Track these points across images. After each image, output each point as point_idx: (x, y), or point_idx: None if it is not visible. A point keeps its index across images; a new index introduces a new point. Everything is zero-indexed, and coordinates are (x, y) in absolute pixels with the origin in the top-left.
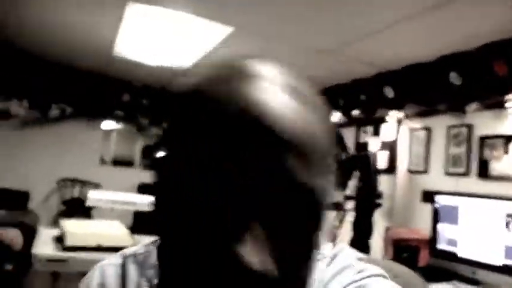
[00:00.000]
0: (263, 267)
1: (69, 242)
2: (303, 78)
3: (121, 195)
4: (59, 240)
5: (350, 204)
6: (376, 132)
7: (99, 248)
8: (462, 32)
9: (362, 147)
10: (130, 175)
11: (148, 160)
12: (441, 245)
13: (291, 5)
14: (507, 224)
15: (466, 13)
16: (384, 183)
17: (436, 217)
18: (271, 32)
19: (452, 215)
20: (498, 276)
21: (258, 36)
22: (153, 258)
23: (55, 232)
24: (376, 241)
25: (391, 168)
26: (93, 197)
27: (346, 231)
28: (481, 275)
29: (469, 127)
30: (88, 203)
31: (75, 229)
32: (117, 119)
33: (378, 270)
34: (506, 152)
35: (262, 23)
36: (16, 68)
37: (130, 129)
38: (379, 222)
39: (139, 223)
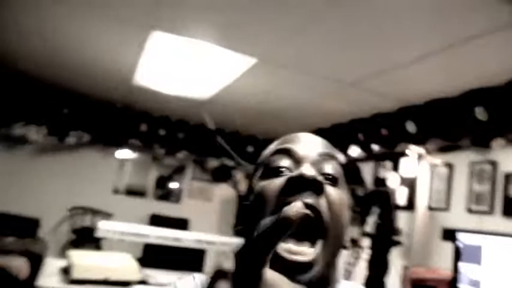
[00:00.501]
0: (314, 176)
1: (76, 274)
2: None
3: (131, 227)
4: (66, 272)
5: (366, 242)
6: (396, 168)
7: (106, 282)
8: (488, 67)
9: (380, 182)
10: (142, 205)
11: (162, 190)
12: (463, 286)
13: (316, 35)
14: None
15: (492, 48)
16: (402, 220)
17: (458, 256)
18: (294, 64)
19: (475, 255)
20: None
21: (281, 67)
22: None
23: (62, 263)
24: (394, 280)
25: (410, 205)
26: (103, 227)
27: (361, 269)
28: None
29: (494, 164)
30: (98, 234)
31: (82, 261)
32: (133, 148)
33: None
34: None
35: (285, 55)
36: (37, 95)
37: (145, 158)
38: (397, 260)
39: (149, 255)
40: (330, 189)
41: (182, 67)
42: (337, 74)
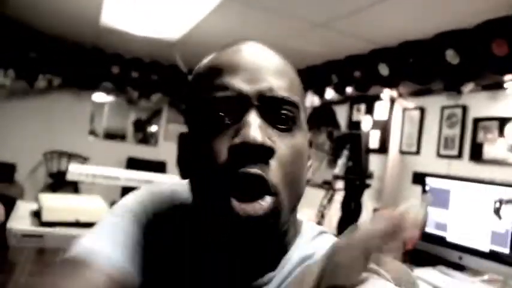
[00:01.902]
0: (263, 140)
1: (46, 217)
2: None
3: (104, 170)
4: (37, 215)
5: (339, 184)
6: (369, 111)
7: (77, 224)
8: (461, 9)
9: (355, 125)
10: (120, 149)
11: (140, 133)
12: (429, 229)
13: None
14: (496, 210)
15: None
16: (374, 163)
17: None
18: (262, 2)
19: (443, 199)
20: (484, 261)
21: (249, 6)
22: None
23: (34, 206)
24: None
25: (382, 148)
26: (74, 170)
27: (335, 211)
28: (468, 260)
29: (464, 108)
30: (68, 177)
31: (53, 204)
32: (107, 91)
33: None
34: (500, 135)
35: None
36: (1, 37)
37: (121, 102)
38: (368, 203)
39: None
40: (281, 143)
41: (149, 7)
42: (307, 14)
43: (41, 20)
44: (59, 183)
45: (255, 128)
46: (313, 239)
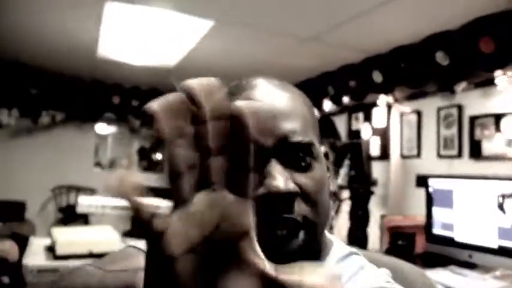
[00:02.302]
0: (286, 187)
1: (60, 250)
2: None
3: (113, 200)
4: (51, 249)
5: (345, 194)
6: (368, 119)
7: (90, 255)
8: (446, 11)
9: (355, 134)
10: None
11: (145, 162)
12: (437, 230)
13: None
14: (500, 205)
15: None
16: (377, 170)
17: (430, 202)
18: (252, 23)
19: (446, 199)
20: (493, 258)
21: (240, 28)
22: None
23: (47, 241)
24: (373, 230)
25: (384, 155)
26: (83, 203)
27: (343, 221)
28: (477, 258)
29: (459, 107)
30: (78, 210)
31: (66, 237)
32: (109, 121)
33: None
34: (497, 130)
35: (243, 14)
36: (3, 77)
37: (123, 131)
38: (375, 210)
39: None
40: (302, 179)
41: (143, 36)
42: (297, 30)
43: (39, 58)
44: (69, 217)
45: (277, 176)
46: (339, 261)
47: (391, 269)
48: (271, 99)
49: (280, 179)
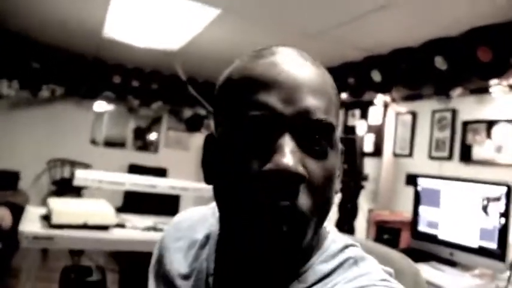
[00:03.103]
0: (295, 168)
1: (56, 220)
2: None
3: (109, 175)
4: (46, 218)
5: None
6: (364, 116)
7: (85, 226)
8: (447, 18)
9: (350, 130)
10: (121, 156)
11: (140, 141)
12: (422, 227)
13: None
14: (484, 207)
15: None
16: (369, 166)
17: (418, 200)
18: (258, 14)
19: (434, 198)
20: (473, 257)
21: (245, 18)
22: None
23: (42, 211)
24: (360, 223)
25: (377, 152)
26: (80, 176)
27: (332, 213)
28: (458, 256)
29: (454, 112)
30: (75, 183)
31: (62, 207)
32: (108, 100)
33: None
34: (488, 136)
35: (249, 5)
36: (6, 49)
37: (122, 110)
38: (364, 204)
39: (128, 203)
40: (313, 167)
41: (149, 19)
42: (302, 25)
43: (43, 32)
44: (63, 190)
45: (288, 154)
46: (334, 255)
47: (380, 257)
48: (297, 69)
49: (291, 157)
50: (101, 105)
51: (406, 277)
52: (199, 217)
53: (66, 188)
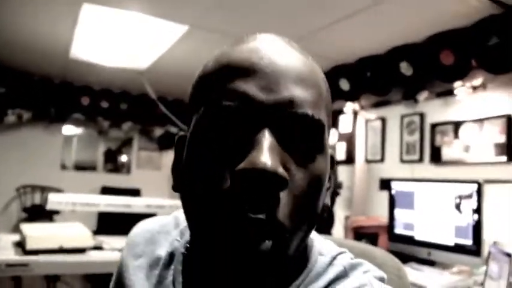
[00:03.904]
0: (275, 168)
1: (30, 245)
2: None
3: (83, 197)
4: (19, 245)
5: None
6: (334, 125)
7: (61, 250)
8: (410, 24)
9: None
10: (92, 179)
11: (111, 164)
12: (399, 230)
13: (243, 0)
14: (457, 205)
15: (412, 4)
16: (343, 173)
17: (393, 203)
18: (226, 28)
19: (408, 201)
20: (450, 255)
21: (213, 33)
22: None
23: (15, 238)
24: (338, 230)
25: (349, 159)
26: (54, 199)
27: None
28: (436, 255)
29: (421, 115)
30: (48, 206)
31: (36, 232)
32: (77, 123)
33: None
34: (456, 137)
35: (216, 20)
36: None
37: (91, 132)
38: (339, 212)
39: (104, 224)
40: (297, 172)
41: (117, 39)
42: None
43: (8, 55)
44: (34, 216)
45: (266, 151)
46: (323, 271)
47: (362, 253)
48: (282, 55)
49: (270, 155)
50: (70, 129)
51: (388, 271)
52: (160, 229)
53: (37, 214)
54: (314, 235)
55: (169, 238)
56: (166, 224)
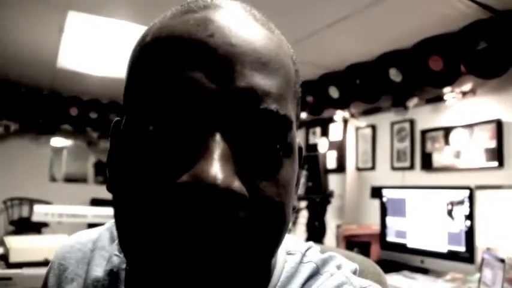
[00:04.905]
0: (227, 184)
1: (14, 258)
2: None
3: (69, 208)
4: (3, 258)
5: (302, 204)
6: (325, 133)
7: (46, 263)
8: (398, 30)
9: (312, 148)
10: (82, 191)
11: (102, 176)
12: (391, 238)
13: None
14: (449, 212)
15: (399, 10)
16: (334, 182)
17: (384, 211)
18: None
19: (399, 208)
20: (444, 262)
21: None
22: None
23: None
24: (329, 239)
25: (340, 168)
26: (39, 211)
27: (300, 233)
28: (429, 263)
29: (412, 122)
30: (34, 218)
31: (20, 245)
32: (66, 134)
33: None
34: (446, 143)
35: None
36: None
37: (81, 144)
38: (331, 221)
39: None
40: (258, 183)
41: (104, 48)
42: None
43: None
44: (21, 229)
45: (217, 161)
46: (296, 271)
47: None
48: (240, 30)
49: (220, 166)
50: (58, 141)
51: (368, 278)
52: (93, 245)
53: (25, 227)
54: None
55: (105, 255)
56: (99, 239)
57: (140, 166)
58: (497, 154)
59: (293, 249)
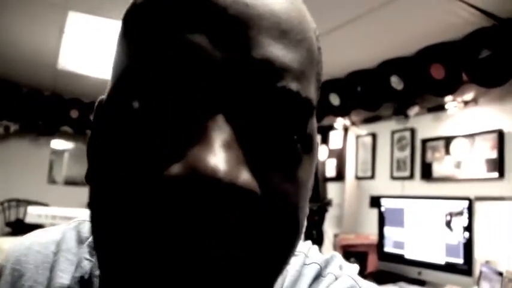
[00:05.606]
0: (232, 177)
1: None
2: None
3: (64, 210)
4: None
5: None
6: (325, 141)
7: None
8: (400, 38)
9: None
10: (81, 194)
11: None
12: (388, 248)
13: None
14: (447, 223)
15: (401, 17)
16: (332, 191)
17: (382, 221)
18: None
19: (398, 218)
20: (441, 274)
21: None
22: None
23: None
24: (327, 248)
25: (339, 176)
26: (33, 212)
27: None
28: (426, 274)
29: (412, 131)
30: (27, 219)
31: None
32: (66, 136)
33: None
34: (447, 153)
35: None
36: None
37: (82, 147)
38: (329, 229)
39: None
40: (271, 178)
41: (105, 49)
42: None
43: None
44: (18, 231)
45: (218, 148)
46: (300, 274)
47: None
48: None
49: (224, 155)
50: (58, 143)
51: None
52: (56, 247)
53: (21, 229)
54: None
55: (73, 259)
56: (63, 240)
57: (123, 152)
58: (498, 165)
59: (295, 250)
